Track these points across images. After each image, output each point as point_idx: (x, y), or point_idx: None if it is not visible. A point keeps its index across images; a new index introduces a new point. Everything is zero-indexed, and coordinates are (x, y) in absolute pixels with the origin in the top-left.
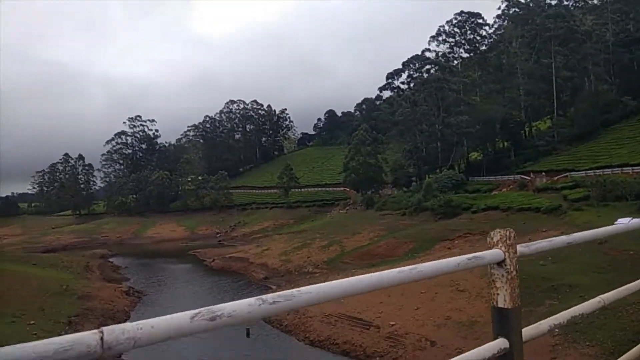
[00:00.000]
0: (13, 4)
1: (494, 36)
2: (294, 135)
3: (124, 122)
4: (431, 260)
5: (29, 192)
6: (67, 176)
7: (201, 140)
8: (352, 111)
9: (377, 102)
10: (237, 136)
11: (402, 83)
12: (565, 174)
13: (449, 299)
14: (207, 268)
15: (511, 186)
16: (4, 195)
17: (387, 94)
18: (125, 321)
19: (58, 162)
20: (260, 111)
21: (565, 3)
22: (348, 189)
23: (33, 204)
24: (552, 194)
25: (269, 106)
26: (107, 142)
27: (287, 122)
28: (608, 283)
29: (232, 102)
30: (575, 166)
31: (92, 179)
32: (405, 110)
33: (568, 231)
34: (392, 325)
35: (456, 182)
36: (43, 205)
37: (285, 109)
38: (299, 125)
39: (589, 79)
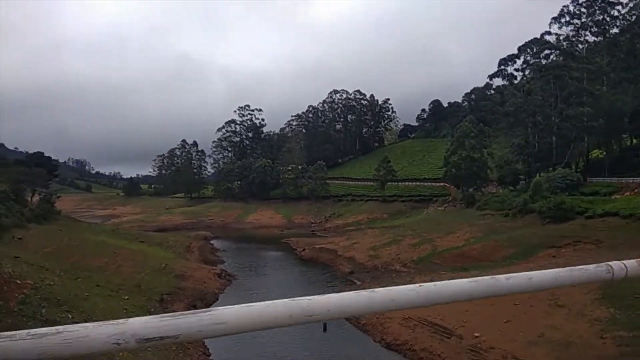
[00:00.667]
0: (141, 1)
1: (627, 17)
2: (396, 126)
3: (234, 111)
4: (531, 269)
5: (150, 174)
6: (182, 161)
7: (303, 130)
8: (460, 101)
9: (487, 92)
10: (338, 126)
11: (516, 70)
12: None
13: (545, 314)
14: (297, 257)
15: (636, 190)
16: (129, 176)
17: (498, 82)
18: (213, 303)
19: (176, 148)
20: (362, 101)
21: None
22: (448, 185)
23: (153, 186)
24: None
25: (371, 96)
26: (218, 130)
27: (389, 113)
28: None
29: (335, 91)
30: None
31: (203, 164)
32: (518, 100)
33: None
34: (477, 336)
35: (570, 183)
36: (161, 187)
37: (388, 99)
38: (401, 116)
39: None
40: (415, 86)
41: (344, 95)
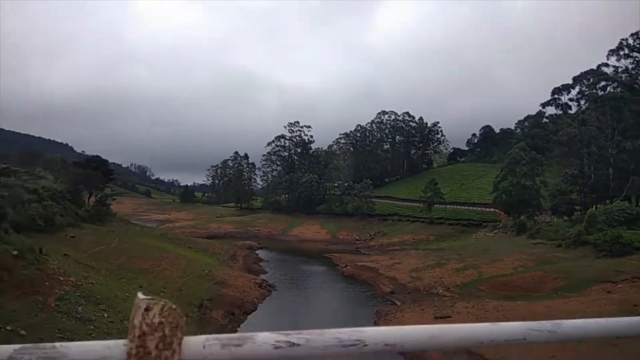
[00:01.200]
0: (206, 16)
1: None
2: (445, 149)
3: (284, 127)
4: (583, 303)
5: (204, 183)
6: (234, 172)
7: (351, 149)
8: (513, 128)
9: (541, 120)
10: (385, 147)
11: (571, 100)
12: None
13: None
14: (338, 273)
15: None
16: (186, 184)
17: (550, 110)
18: (251, 312)
19: (229, 159)
20: (411, 123)
21: None
22: (498, 211)
23: (206, 194)
24: None
25: (420, 118)
26: (268, 144)
27: (438, 136)
28: None
29: (384, 112)
30: None
31: (253, 176)
32: (572, 130)
33: None
34: None
35: (629, 217)
36: (213, 196)
37: (438, 122)
38: (451, 140)
39: None
40: (466, 111)
41: (393, 117)
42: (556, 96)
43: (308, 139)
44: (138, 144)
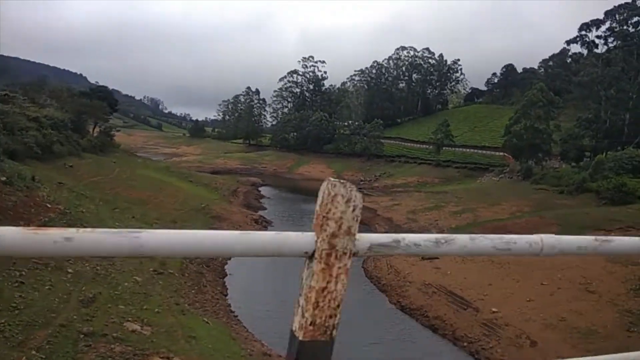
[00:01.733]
0: None
1: None
2: (464, 89)
3: (298, 62)
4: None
5: (215, 118)
6: (245, 108)
7: (365, 86)
8: (536, 68)
9: (567, 60)
10: (401, 85)
11: (599, 37)
12: None
13: (572, 297)
14: None
15: None
16: (196, 119)
17: (576, 49)
18: None
19: (240, 94)
20: (430, 60)
21: None
22: (508, 155)
23: (216, 130)
24: None
25: (440, 55)
26: (280, 80)
27: (457, 74)
28: None
29: (403, 48)
30: None
31: (263, 113)
32: (594, 70)
33: None
34: (494, 312)
35: (637, 164)
36: (223, 132)
37: (458, 60)
38: (473, 80)
39: None
40: (492, 49)
41: (412, 53)
42: (583, 32)
43: (322, 75)
44: (153, 77)
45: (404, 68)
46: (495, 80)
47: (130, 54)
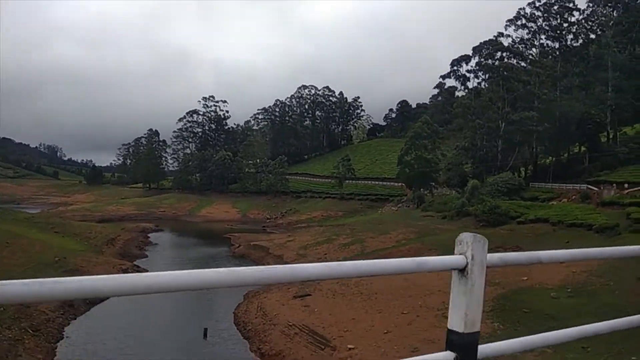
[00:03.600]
0: None
1: (584, 23)
2: (369, 125)
3: (198, 101)
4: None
5: (116, 162)
6: (145, 150)
7: (269, 124)
8: (427, 102)
9: (455, 94)
10: (305, 122)
11: (468, 71)
12: (638, 188)
13: (428, 325)
14: (230, 254)
15: (574, 197)
16: (95, 164)
17: (450, 83)
18: (101, 301)
19: (142, 137)
20: (331, 98)
21: None
22: (404, 185)
23: (116, 175)
24: (617, 210)
25: (340, 93)
26: (179, 120)
27: (358, 111)
28: (621, 337)
29: (304, 87)
30: None
31: (164, 154)
32: (464, 102)
33: None
34: (350, 349)
35: (512, 187)
36: (124, 177)
37: (358, 97)
38: (376, 116)
39: None
40: (392, 86)
41: (313, 91)
42: (455, 67)
43: (224, 114)
44: (51, 123)
45: (306, 106)
46: (393, 116)
47: (25, 100)
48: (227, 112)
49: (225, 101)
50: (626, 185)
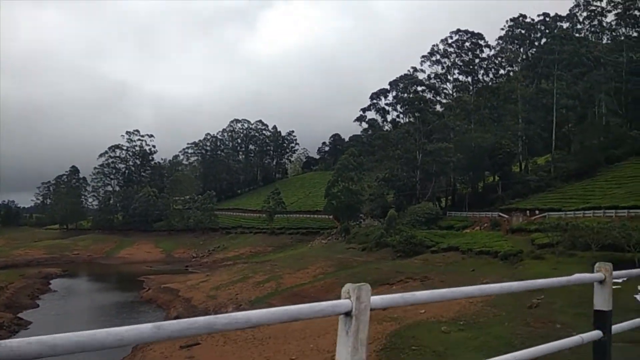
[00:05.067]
0: (74, 19)
1: (494, 59)
2: (305, 158)
3: (121, 136)
4: None
5: (32, 202)
6: (65, 189)
7: (200, 159)
8: (361, 134)
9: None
10: (238, 157)
11: (387, 105)
12: (543, 214)
13: None
14: (137, 299)
15: (486, 224)
16: (10, 204)
17: (371, 115)
18: None
19: (64, 174)
20: (265, 132)
21: (579, 26)
22: (332, 217)
23: (34, 216)
24: (524, 237)
25: (274, 127)
26: (101, 155)
27: (292, 145)
28: None
29: (237, 121)
30: (563, 206)
31: (84, 193)
32: (383, 133)
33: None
34: None
35: (429, 217)
36: (43, 217)
37: (293, 131)
38: (312, 149)
39: (597, 110)
40: (330, 121)
41: (246, 125)
42: (375, 101)
43: (150, 149)
44: None
45: (239, 140)
46: (326, 149)
47: None
48: (154, 146)
49: (151, 135)
50: (537, 212)
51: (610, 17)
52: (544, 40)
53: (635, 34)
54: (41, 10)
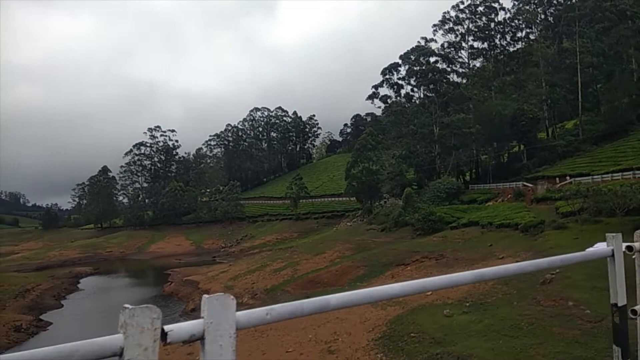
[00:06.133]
0: (100, 25)
1: (510, 22)
2: (329, 142)
3: (144, 133)
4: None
5: (69, 205)
6: (97, 189)
7: (223, 150)
8: (378, 113)
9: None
10: (262, 145)
11: (400, 79)
12: (570, 180)
13: None
14: (159, 293)
15: (509, 196)
16: (56, 207)
17: (384, 91)
18: None
19: (96, 175)
20: (285, 118)
21: None
22: (356, 199)
23: (72, 217)
24: (549, 205)
25: (294, 113)
26: (126, 154)
27: (315, 129)
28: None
29: (257, 109)
30: (592, 170)
31: (114, 191)
32: (395, 109)
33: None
34: None
35: (451, 191)
36: (80, 218)
37: (314, 115)
38: (336, 132)
39: (627, 66)
40: (348, 101)
41: (266, 113)
42: (387, 76)
43: (173, 143)
44: (13, 169)
45: (260, 128)
46: (348, 130)
47: None
48: (177, 141)
49: (173, 130)
50: (567, 178)
51: None
52: None
53: None
54: (72, 19)
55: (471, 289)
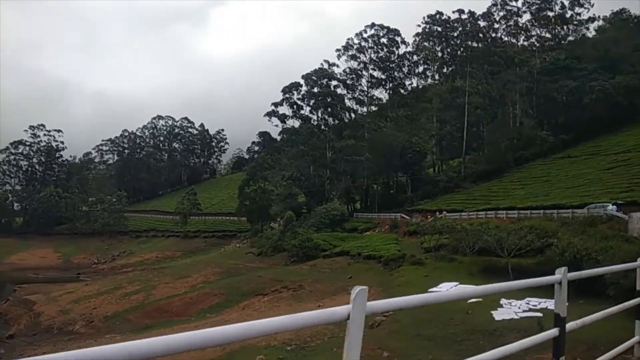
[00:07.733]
0: (10, 12)
1: (409, 57)
2: (237, 157)
3: (25, 131)
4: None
5: None
6: None
7: (116, 157)
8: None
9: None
10: (163, 155)
11: (300, 99)
12: (441, 215)
13: None
14: None
15: (387, 226)
16: None
17: (284, 110)
18: None
19: None
20: (190, 129)
21: (496, 26)
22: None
23: None
24: (418, 239)
25: (201, 125)
26: (1, 152)
27: (221, 144)
28: None
29: (160, 117)
30: (466, 206)
31: None
32: (289, 129)
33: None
34: None
35: (334, 218)
36: None
37: (222, 130)
38: (244, 148)
39: (511, 110)
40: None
41: (170, 122)
42: (287, 95)
43: (58, 145)
44: None
45: (162, 137)
46: (256, 148)
47: None
48: (62, 142)
49: (59, 130)
50: (444, 213)
51: (525, 17)
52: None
53: (548, 35)
54: None
55: (309, 328)
